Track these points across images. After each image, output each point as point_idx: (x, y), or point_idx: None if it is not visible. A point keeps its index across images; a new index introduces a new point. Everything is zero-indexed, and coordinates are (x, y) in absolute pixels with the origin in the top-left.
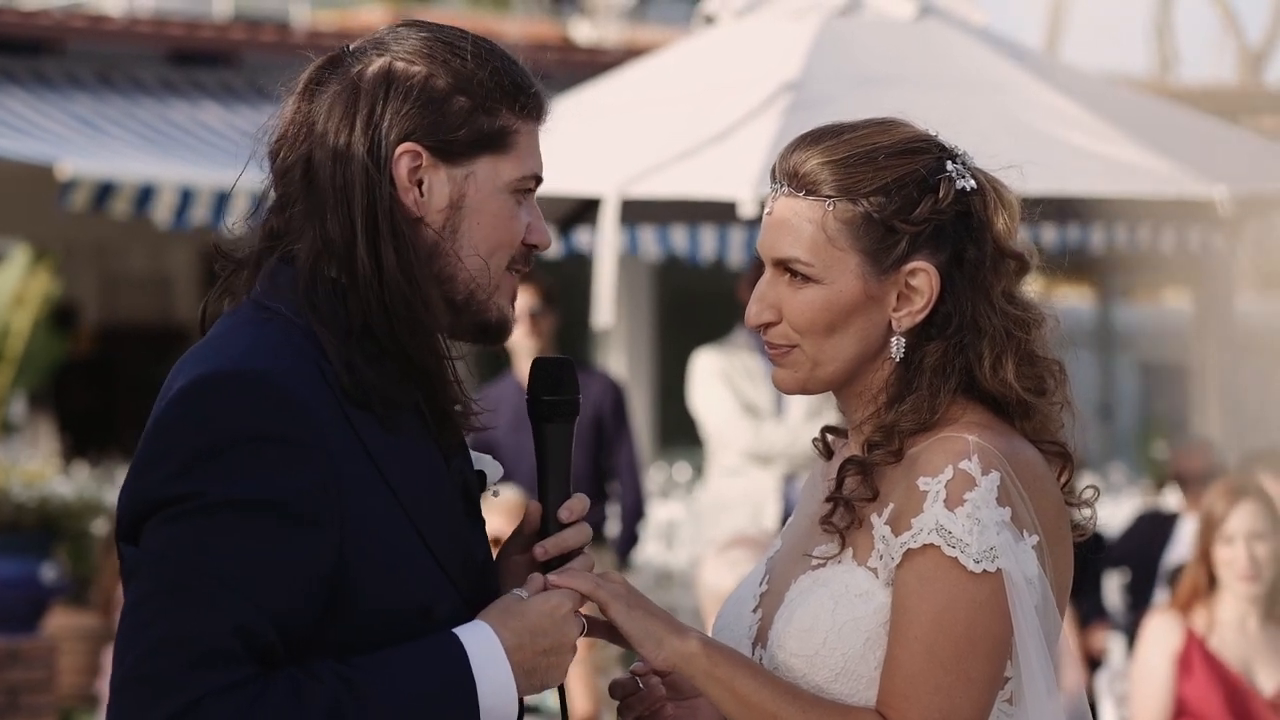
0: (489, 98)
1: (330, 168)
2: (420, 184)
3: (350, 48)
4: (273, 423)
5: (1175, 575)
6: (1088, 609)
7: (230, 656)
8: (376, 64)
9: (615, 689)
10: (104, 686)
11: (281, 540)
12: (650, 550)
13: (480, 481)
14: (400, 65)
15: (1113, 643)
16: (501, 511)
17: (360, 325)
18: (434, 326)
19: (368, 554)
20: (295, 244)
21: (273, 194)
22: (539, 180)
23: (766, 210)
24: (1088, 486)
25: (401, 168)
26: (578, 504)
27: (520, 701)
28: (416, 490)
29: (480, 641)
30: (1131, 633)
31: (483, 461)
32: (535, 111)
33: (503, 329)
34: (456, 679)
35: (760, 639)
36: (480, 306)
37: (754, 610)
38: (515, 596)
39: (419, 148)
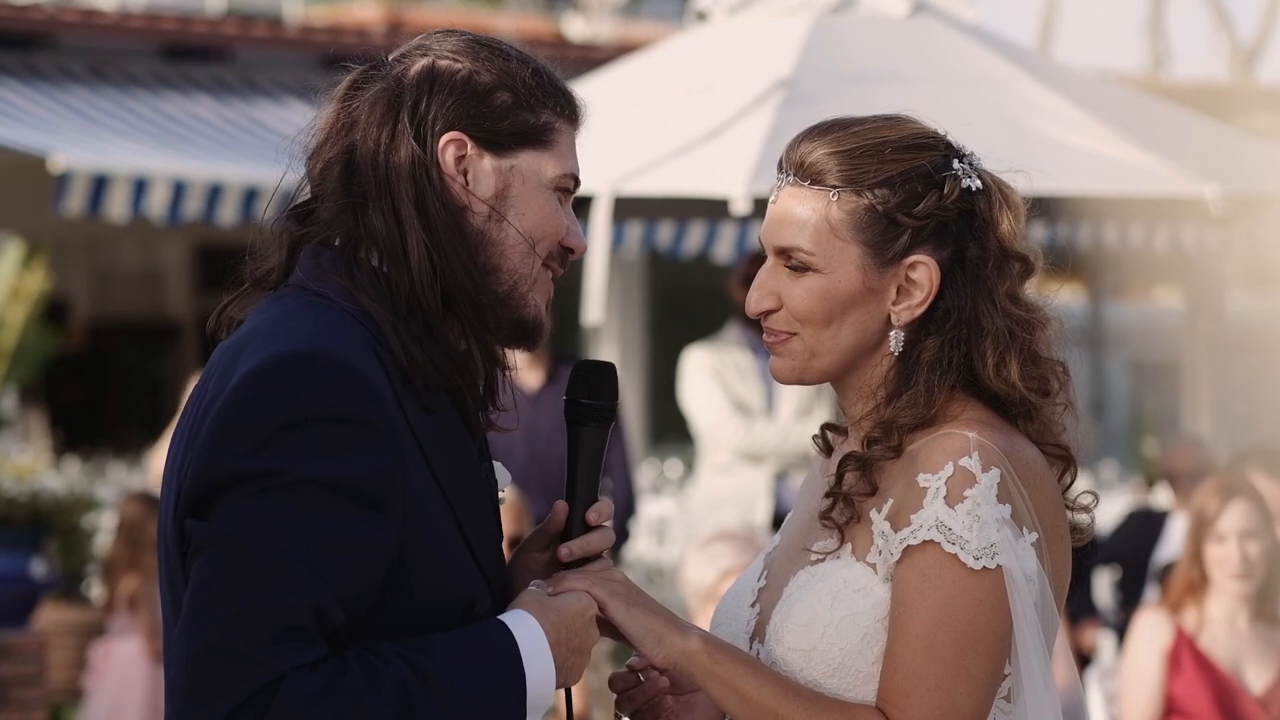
0: (531, 95)
1: (372, 161)
2: (466, 173)
3: (392, 55)
4: (351, 404)
5: (1165, 573)
6: (1078, 606)
7: (307, 635)
8: (420, 64)
9: (615, 682)
10: (91, 682)
11: (357, 523)
12: (641, 546)
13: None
14: (444, 63)
15: (1103, 640)
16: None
17: (406, 309)
18: (491, 310)
19: (419, 543)
20: (330, 231)
21: (307, 190)
22: (578, 182)
23: (771, 199)
24: (1085, 492)
25: (448, 156)
26: (605, 508)
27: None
28: (457, 484)
29: (529, 633)
30: (1122, 630)
31: (494, 467)
32: (573, 114)
33: (537, 329)
34: (509, 669)
35: (758, 634)
36: (520, 300)
37: (752, 605)
38: (540, 590)
39: (464, 136)
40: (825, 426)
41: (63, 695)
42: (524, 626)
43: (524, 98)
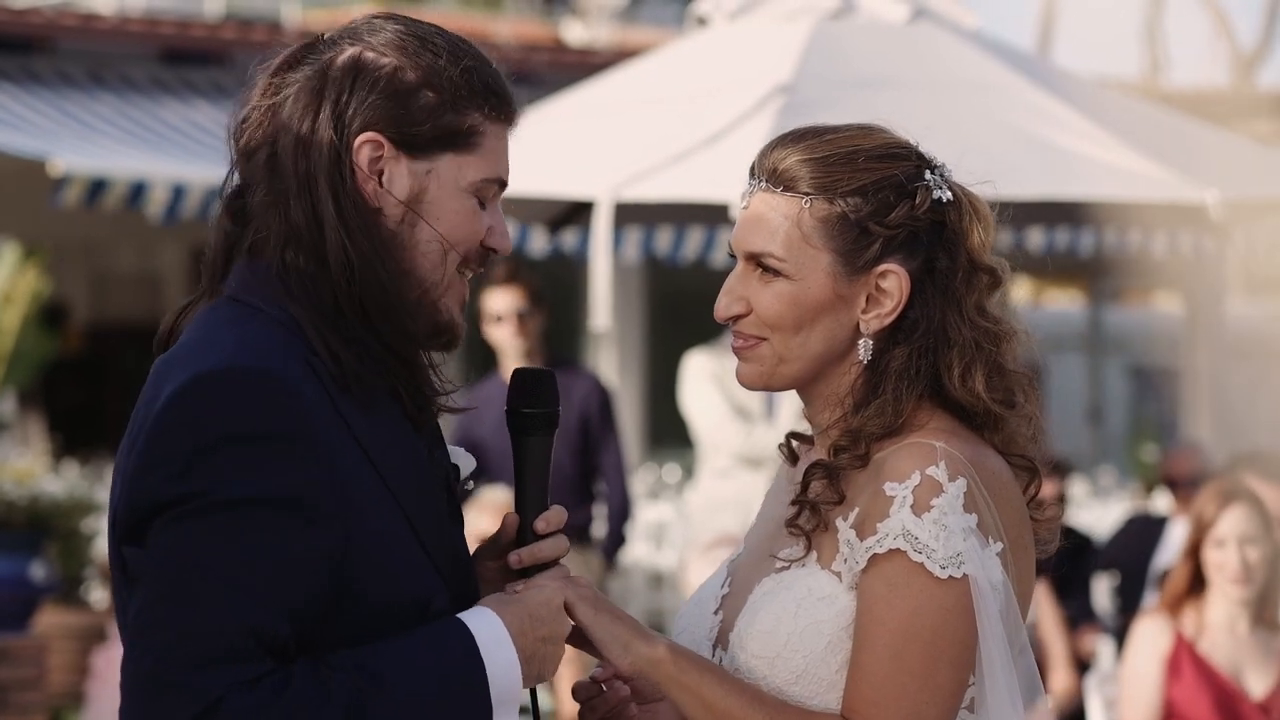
0: (458, 95)
1: (294, 154)
2: (381, 174)
3: (326, 35)
4: (270, 419)
5: (1165, 579)
6: (1077, 612)
7: (245, 654)
8: (347, 53)
9: (578, 692)
10: (92, 687)
11: (286, 537)
12: (639, 551)
13: (455, 475)
14: (370, 56)
15: (1102, 646)
16: (490, 510)
17: (333, 309)
18: (406, 311)
19: (367, 547)
20: (260, 233)
21: (236, 176)
22: (504, 184)
23: (742, 204)
24: (1054, 503)
25: (362, 157)
26: (555, 516)
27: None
28: (404, 481)
29: (486, 625)
30: (1121, 636)
31: (456, 455)
32: (505, 114)
33: (451, 332)
34: (467, 663)
35: (721, 640)
36: (431, 307)
37: (715, 612)
38: (507, 592)
39: (381, 138)
40: (791, 435)
41: (62, 699)
42: (481, 620)
43: (450, 98)
